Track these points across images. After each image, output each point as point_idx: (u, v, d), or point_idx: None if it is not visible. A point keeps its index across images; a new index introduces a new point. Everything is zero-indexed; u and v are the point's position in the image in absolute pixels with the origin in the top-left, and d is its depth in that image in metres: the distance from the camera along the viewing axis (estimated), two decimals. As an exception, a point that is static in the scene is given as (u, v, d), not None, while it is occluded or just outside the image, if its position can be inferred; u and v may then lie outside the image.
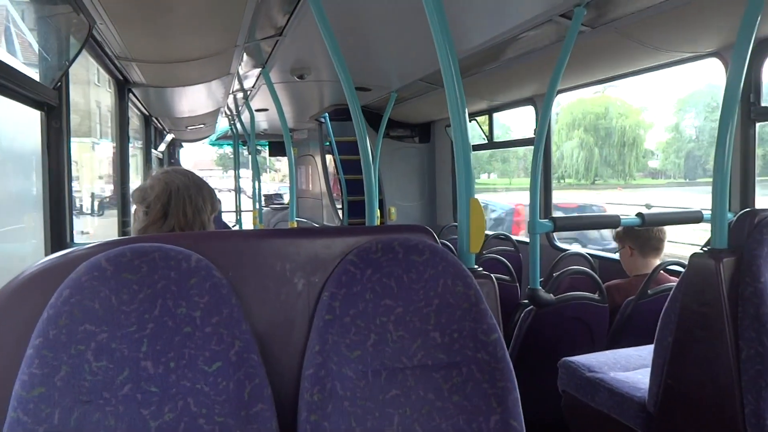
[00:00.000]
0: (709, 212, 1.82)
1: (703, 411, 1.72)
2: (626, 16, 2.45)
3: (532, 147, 2.79)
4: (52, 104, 2.19)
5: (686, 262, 1.80)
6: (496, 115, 4.83)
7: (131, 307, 1.04)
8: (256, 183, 6.29)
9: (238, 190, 8.57)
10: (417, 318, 1.21)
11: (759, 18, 1.71)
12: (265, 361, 1.12)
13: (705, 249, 1.77)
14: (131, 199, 1.69)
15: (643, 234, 2.82)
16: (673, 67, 2.97)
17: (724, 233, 1.73)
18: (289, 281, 1.20)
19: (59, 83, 2.21)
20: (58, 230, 2.25)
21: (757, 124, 2.61)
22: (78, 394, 0.99)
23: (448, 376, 1.20)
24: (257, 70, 3.84)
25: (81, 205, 5.80)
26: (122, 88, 3.67)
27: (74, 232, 2.36)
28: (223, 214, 7.62)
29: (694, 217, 2.61)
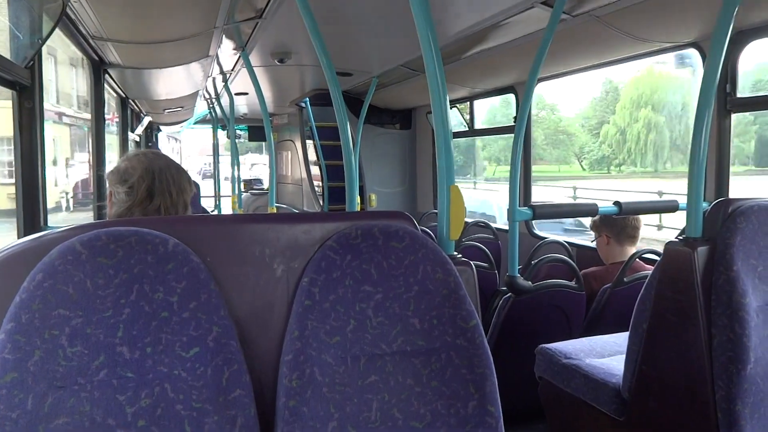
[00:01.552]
0: (685, 201, 1.85)
1: (675, 396, 1.75)
2: (607, 5, 2.46)
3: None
4: (24, 84, 2.13)
5: (662, 250, 1.83)
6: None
7: (107, 292, 1.02)
8: (235, 168, 6.23)
9: (216, 175, 8.48)
10: (396, 304, 1.21)
11: (736, 9, 1.73)
12: (244, 347, 1.12)
13: (680, 237, 1.80)
14: (107, 182, 1.65)
15: (619, 222, 2.86)
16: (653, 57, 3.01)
17: (698, 222, 1.76)
18: (269, 267, 1.19)
19: (32, 62, 2.15)
20: (31, 213, 2.20)
21: (733, 115, 2.65)
22: (52, 380, 0.97)
23: (426, 362, 1.20)
24: (237, 53, 3.78)
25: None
26: (98, 68, 3.59)
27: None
28: (201, 199, 7.53)
29: (669, 207, 2.65)
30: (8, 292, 1.00)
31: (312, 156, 6.52)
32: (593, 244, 3.18)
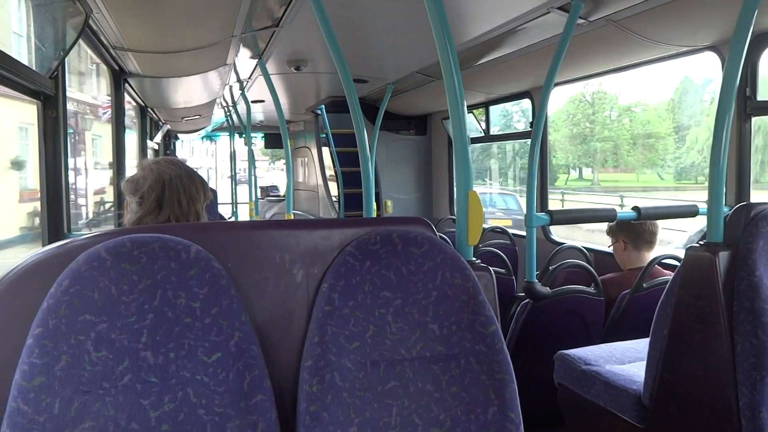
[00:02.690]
0: (705, 206, 1.83)
1: (698, 404, 1.73)
2: (623, 10, 2.45)
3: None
4: (48, 93, 2.18)
5: (681, 256, 1.81)
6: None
7: (131, 297, 1.04)
8: (252, 175, 6.28)
9: (234, 182, 8.55)
10: (415, 310, 1.21)
11: (756, 12, 1.71)
12: (265, 353, 1.13)
13: (701, 243, 1.78)
14: (123, 191, 1.68)
15: (636, 228, 2.83)
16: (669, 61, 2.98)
17: (719, 227, 1.74)
18: (289, 272, 1.20)
19: (55, 72, 2.19)
20: (55, 220, 2.24)
21: (753, 119, 2.62)
22: (78, 384, 0.99)
23: (446, 368, 1.20)
24: (254, 61, 3.82)
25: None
26: (118, 78, 3.65)
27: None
28: (219, 206, 7.59)
29: (689, 211, 2.62)
30: (37, 297, 1.02)
31: (328, 162, 6.55)
32: (611, 250, 3.16)
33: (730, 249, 1.67)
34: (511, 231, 4.38)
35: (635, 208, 2.55)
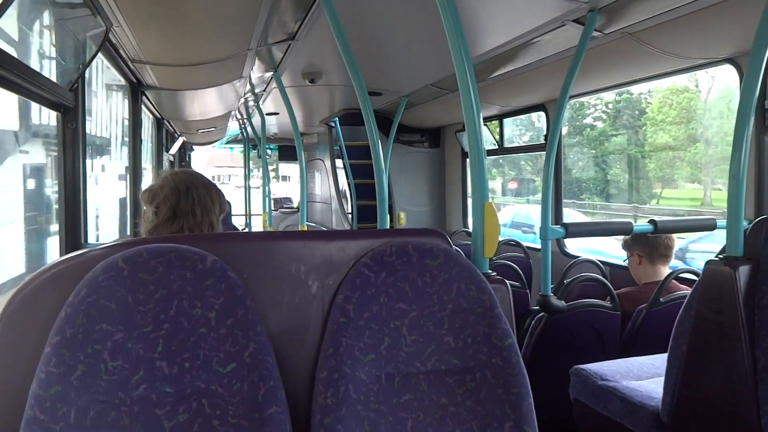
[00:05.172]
0: (723, 220, 1.81)
1: (718, 421, 1.70)
2: (639, 22, 2.44)
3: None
4: (68, 105, 2.21)
5: (699, 270, 1.79)
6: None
7: (147, 307, 1.04)
8: (267, 187, 6.31)
9: (247, 194, 8.60)
10: (431, 322, 1.20)
11: None
12: (279, 364, 1.12)
13: (720, 257, 1.75)
14: (141, 200, 1.69)
15: (651, 242, 2.79)
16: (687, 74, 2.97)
17: (739, 241, 1.71)
18: (304, 283, 1.20)
19: (75, 85, 2.23)
20: (72, 230, 2.27)
21: None
22: (94, 394, 0.99)
23: (461, 381, 1.19)
24: (269, 74, 3.85)
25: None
26: (136, 90, 3.70)
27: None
28: (233, 217, 7.62)
29: (707, 225, 2.59)
30: (55, 306, 1.03)
31: (341, 175, 6.57)
32: (626, 263, 3.12)
33: (750, 263, 1.65)
34: (525, 244, 4.35)
35: (652, 221, 2.53)
